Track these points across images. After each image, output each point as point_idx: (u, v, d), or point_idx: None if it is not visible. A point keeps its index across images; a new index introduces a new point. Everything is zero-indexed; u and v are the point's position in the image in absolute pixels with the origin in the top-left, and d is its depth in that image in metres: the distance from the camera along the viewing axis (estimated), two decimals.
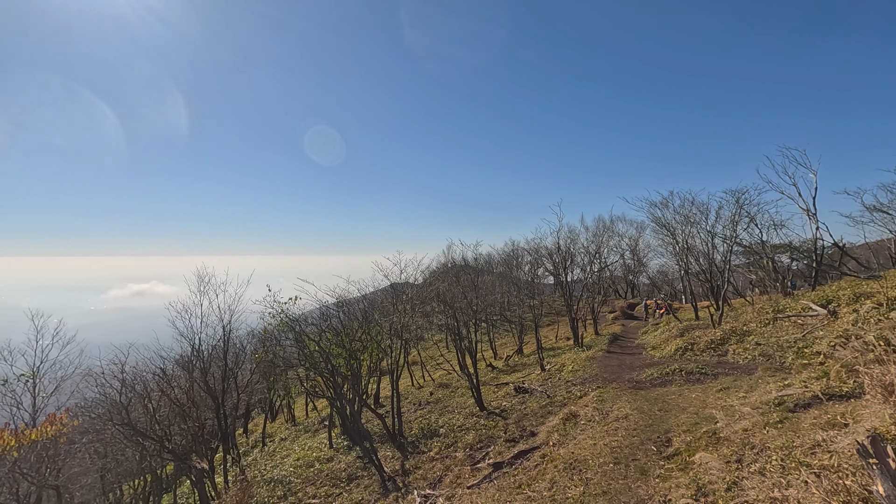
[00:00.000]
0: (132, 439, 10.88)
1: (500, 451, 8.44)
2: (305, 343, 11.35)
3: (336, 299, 12.48)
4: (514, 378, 15.92)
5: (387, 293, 19.24)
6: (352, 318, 13.15)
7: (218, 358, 13.58)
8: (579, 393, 10.88)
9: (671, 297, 37.10)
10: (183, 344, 13.47)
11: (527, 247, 35.08)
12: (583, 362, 14.84)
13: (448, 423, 11.33)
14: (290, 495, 9.23)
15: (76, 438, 12.56)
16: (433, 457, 9.23)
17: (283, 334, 13.06)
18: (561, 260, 21.71)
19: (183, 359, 13.55)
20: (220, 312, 13.05)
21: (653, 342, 17.18)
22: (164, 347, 13.53)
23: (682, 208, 20.66)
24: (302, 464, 11.34)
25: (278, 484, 10.05)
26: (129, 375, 12.30)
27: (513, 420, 10.22)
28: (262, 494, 9.60)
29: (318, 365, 10.89)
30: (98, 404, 12.61)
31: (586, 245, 24.06)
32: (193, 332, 13.22)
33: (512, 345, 28.07)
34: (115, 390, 11.73)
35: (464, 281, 17.15)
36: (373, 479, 8.98)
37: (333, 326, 12.11)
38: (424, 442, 10.53)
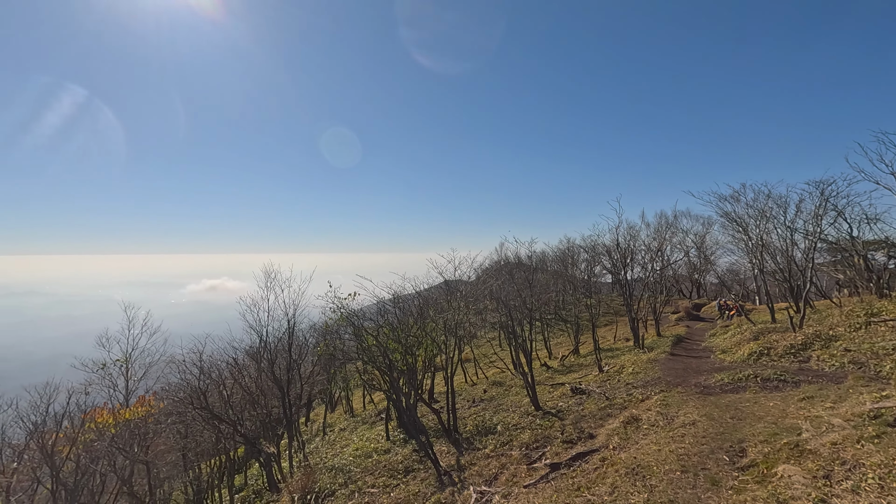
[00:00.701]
0: (209, 422, 11.80)
1: (556, 451, 8.27)
2: (364, 337, 11.74)
3: (392, 295, 12.79)
4: (570, 378, 15.53)
5: (440, 290, 19.46)
6: (407, 314, 13.42)
7: (283, 350, 14.39)
8: (641, 396, 10.42)
9: (743, 297, 34.48)
10: (252, 336, 14.42)
11: (583, 244, 34.06)
12: (644, 364, 14.20)
13: (503, 422, 11.28)
14: (350, 483, 9.59)
15: (162, 419, 13.82)
16: (488, 454, 9.22)
17: (342, 329, 13.59)
18: (620, 258, 20.85)
19: (252, 349, 14.50)
20: (285, 307, 13.82)
21: (722, 345, 16.10)
22: (235, 339, 14.56)
23: (755, 202, 19.12)
24: (360, 454, 11.75)
25: (339, 472, 10.49)
26: (206, 363, 13.35)
27: (570, 421, 9.98)
28: (324, 480, 10.07)
29: (375, 359, 11.22)
30: (180, 389, 13.78)
31: (647, 242, 22.92)
32: (261, 325, 14.10)
33: (567, 344, 27.41)
34: (195, 377, 12.78)
35: (518, 279, 16.94)
36: (429, 473, 9.13)
37: (389, 322, 12.41)
38: (479, 439, 10.54)
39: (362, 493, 8.85)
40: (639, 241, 23.11)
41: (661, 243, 25.12)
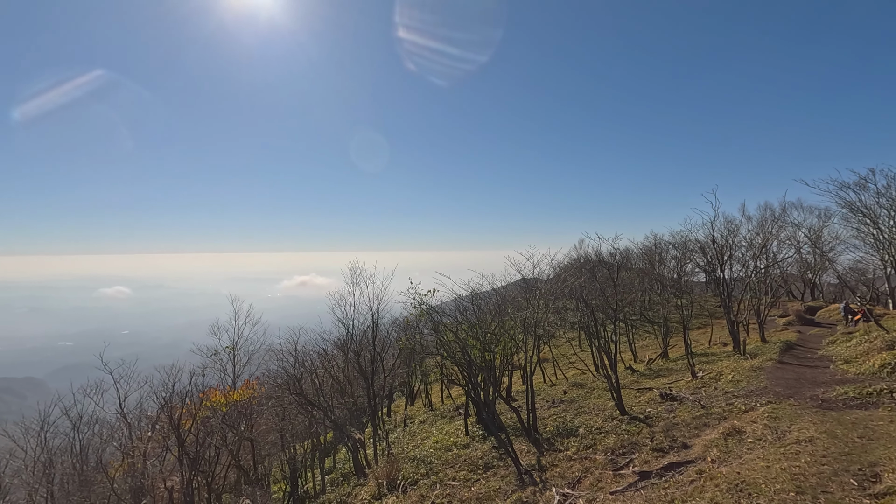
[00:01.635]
0: (303, 407, 12.82)
1: (646, 459, 7.81)
2: (443, 333, 12.00)
3: (470, 292, 12.92)
4: (658, 383, 14.57)
5: (517, 287, 19.25)
6: (485, 311, 13.47)
7: (367, 342, 15.17)
8: (744, 407, 9.48)
9: (872, 300, 29.80)
10: (340, 328, 15.39)
11: (672, 240, 31.67)
12: (746, 372, 12.89)
13: (585, 424, 10.89)
14: (432, 474, 9.86)
15: (263, 402, 15.25)
16: (570, 456, 8.97)
17: (422, 324, 14.01)
18: (716, 254, 19.09)
19: (340, 341, 15.48)
20: (369, 302, 14.58)
21: (845, 355, 14.11)
22: (325, 331, 15.64)
23: (888, 190, 16.46)
24: (440, 447, 12.02)
25: (421, 462, 10.83)
26: (300, 353, 14.51)
27: (660, 428, 9.37)
28: (407, 469, 10.46)
29: (454, 354, 11.42)
30: (278, 375, 15.10)
31: (749, 237, 20.71)
32: (348, 319, 15.00)
33: (654, 347, 25.72)
34: (290, 365, 13.96)
35: (601, 277, 16.21)
36: (508, 471, 9.10)
37: (468, 319, 12.55)
38: (560, 440, 10.29)
39: (444, 485, 9.05)
40: (739, 236, 20.96)
41: (765, 238, 22.56)
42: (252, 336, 19.11)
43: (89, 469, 14.55)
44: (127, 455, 12.93)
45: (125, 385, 14.01)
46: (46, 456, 14.87)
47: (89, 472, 14.35)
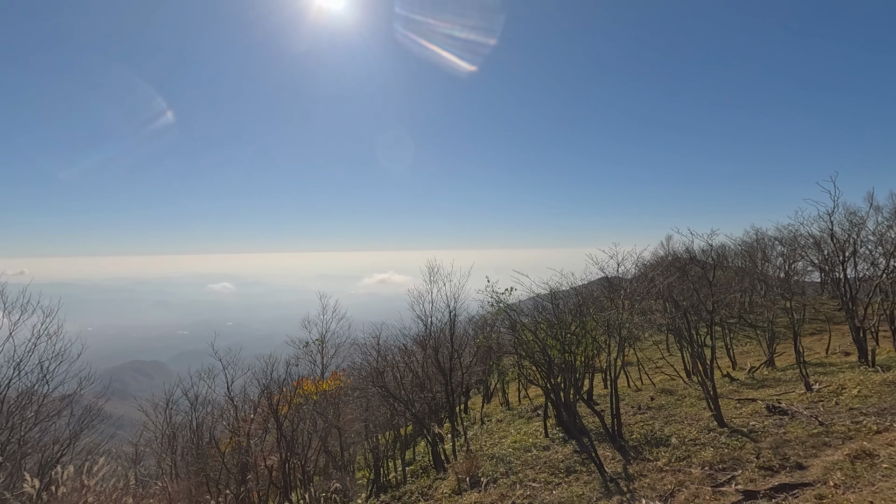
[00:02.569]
0: (386, 399, 13.38)
1: (751, 477, 7.07)
2: (521, 332, 11.84)
3: (549, 291, 12.60)
4: (763, 395, 13.12)
5: (599, 286, 18.41)
6: (564, 310, 13.08)
7: (445, 339, 15.43)
8: (875, 426, 8.22)
9: None
10: (418, 325, 15.81)
11: (778, 235, 28.36)
12: (876, 386, 11.16)
13: (677, 434, 10.13)
14: (511, 474, 9.78)
15: (349, 393, 16.16)
16: (661, 467, 8.39)
17: (499, 322, 13.94)
18: (835, 251, 16.72)
19: (419, 337, 15.91)
20: (446, 299, 14.79)
21: None
22: (405, 327, 16.16)
23: None
24: (519, 447, 11.89)
25: (500, 461, 10.79)
26: (382, 347, 15.15)
27: (767, 445, 8.43)
28: (486, 467, 10.49)
29: (533, 354, 11.22)
30: (362, 368, 15.91)
31: (879, 231, 17.84)
32: (426, 315, 15.35)
33: (756, 354, 23.24)
34: (373, 358, 14.64)
35: (693, 276, 14.95)
36: (592, 477, 8.75)
37: (547, 318, 12.26)
38: (648, 449, 9.68)
39: (524, 486, 8.94)
40: (865, 230, 18.15)
41: None
42: (338, 330, 20.32)
43: (204, 444, 16.44)
44: (234, 434, 14.42)
45: (232, 371, 15.63)
46: (171, 430, 17.06)
47: (204, 446, 16.22)
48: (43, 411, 11.94)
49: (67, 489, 7.34)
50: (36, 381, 11.72)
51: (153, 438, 17.98)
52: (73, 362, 12.29)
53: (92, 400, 14.19)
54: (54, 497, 7.33)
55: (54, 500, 7.32)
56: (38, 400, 11.78)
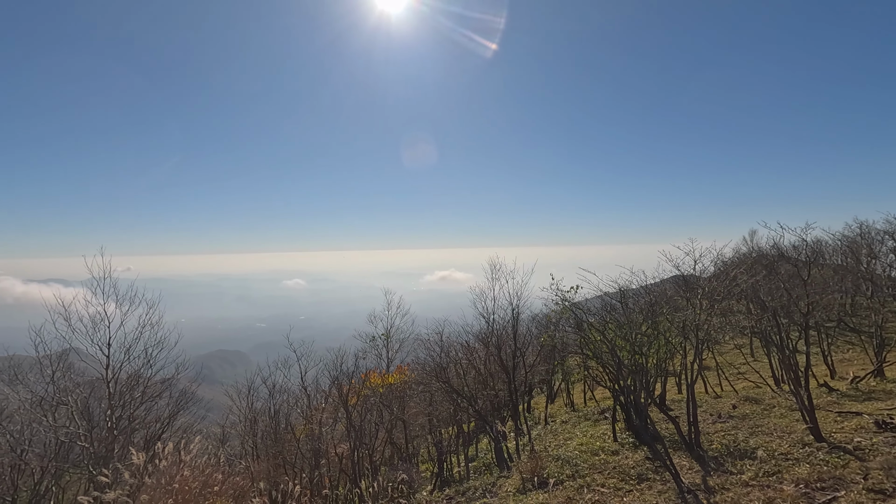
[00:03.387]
0: (449, 395, 13.54)
1: (857, 500, 6.31)
2: (588, 332, 11.44)
3: (618, 289, 12.04)
4: (870, 408, 11.64)
5: (673, 285, 17.29)
6: (635, 309, 12.44)
7: (508, 337, 15.30)
8: None
9: None
10: (480, 322, 15.82)
11: (888, 228, 24.99)
12: None
13: (766, 447, 9.27)
14: (578, 477, 9.49)
15: (413, 387, 16.56)
16: (746, 481, 7.73)
17: (564, 321, 13.57)
18: None
19: (481, 334, 15.92)
20: (509, 297, 14.66)
21: None
22: (467, 324, 16.24)
23: None
24: (586, 450, 11.51)
25: (566, 463, 10.51)
26: (445, 343, 15.34)
27: (877, 465, 7.47)
28: (552, 468, 10.26)
29: (601, 355, 10.79)
30: (425, 363, 16.22)
31: None
32: (488, 313, 15.32)
33: (861, 362, 20.68)
34: (436, 354, 14.86)
35: (784, 274, 13.56)
36: (667, 486, 8.26)
37: (615, 318, 11.74)
38: (731, 461, 8.96)
39: (592, 490, 8.64)
40: None
41: None
42: (402, 326, 20.85)
43: (281, 429, 17.66)
44: (307, 421, 15.33)
45: (305, 362, 16.64)
46: (252, 415, 18.52)
47: (281, 431, 17.43)
48: (147, 392, 13.45)
49: (168, 463, 8.15)
50: (141, 366, 13.22)
51: (237, 421, 19.62)
52: (171, 350, 13.71)
53: (187, 384, 15.75)
54: (157, 469, 8.18)
55: (157, 472, 8.16)
56: (143, 382, 13.28)
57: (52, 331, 12.51)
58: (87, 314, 12.47)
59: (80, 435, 12.05)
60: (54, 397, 12.69)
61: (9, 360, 13.31)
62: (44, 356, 13.12)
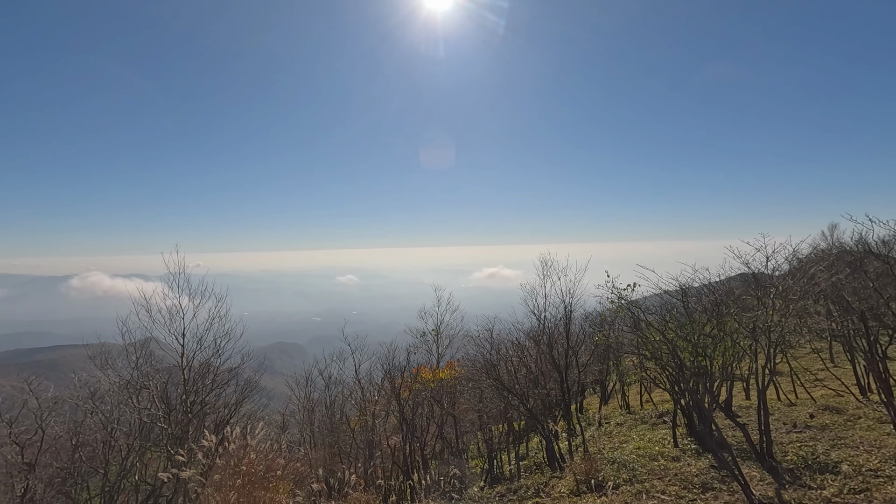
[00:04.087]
0: (500, 392, 13.47)
1: None
2: (646, 331, 10.95)
3: (679, 287, 11.40)
4: None
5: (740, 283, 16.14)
6: (698, 309, 11.74)
7: (560, 335, 14.98)
8: None
9: None
10: (531, 320, 15.60)
11: None
12: None
13: (851, 461, 8.46)
14: (636, 482, 9.13)
15: (462, 383, 16.63)
16: (829, 498, 7.10)
17: (619, 320, 13.07)
18: None
19: (532, 332, 15.69)
20: (561, 294, 14.34)
21: None
22: (518, 321, 16.07)
23: None
24: (643, 454, 11.05)
25: (622, 466, 10.15)
26: (495, 340, 15.27)
27: None
28: (607, 471, 9.95)
29: (660, 356, 10.30)
30: (475, 360, 16.25)
31: None
32: (539, 310, 15.07)
33: None
34: (486, 350, 14.83)
35: (871, 273, 12.22)
36: (735, 497, 7.75)
37: (676, 317, 11.14)
38: (809, 475, 8.26)
39: (651, 496, 8.29)
40: None
41: None
42: (452, 322, 20.97)
43: (336, 419, 18.37)
44: (361, 413, 15.83)
45: (359, 355, 17.20)
46: (309, 405, 19.40)
47: (336, 421, 18.12)
48: (216, 380, 14.45)
49: (236, 446, 8.70)
50: (211, 355, 14.22)
51: (296, 410, 20.62)
52: (237, 341, 14.65)
53: (251, 374, 16.76)
54: (226, 451, 8.76)
55: (226, 454, 8.74)
56: (213, 370, 14.29)
57: (135, 321, 13.79)
58: (164, 306, 13.61)
59: (160, 417, 13.20)
60: (138, 381, 13.96)
61: (100, 346, 14.78)
62: (129, 344, 14.46)
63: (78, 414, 14.24)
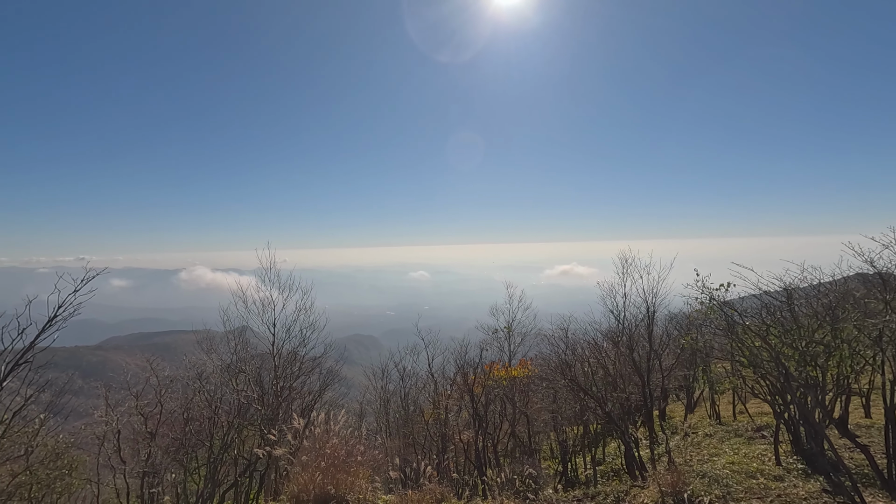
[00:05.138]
0: (575, 394, 13.03)
1: None
2: (740, 336, 9.97)
3: (783, 288, 10.21)
4: None
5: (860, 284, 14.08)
6: (807, 313, 10.43)
7: (641, 337, 14.13)
8: None
9: None
10: (609, 320, 14.87)
11: None
12: None
13: None
14: (731, 500, 8.36)
15: (536, 382, 16.32)
16: None
17: (711, 322, 12.03)
18: None
19: (610, 333, 14.97)
20: (643, 294, 13.50)
21: None
22: (594, 321, 15.41)
23: None
24: (739, 471, 10.08)
25: (714, 482, 9.34)
26: (571, 340, 14.79)
27: None
28: (696, 485, 9.21)
29: (760, 363, 9.31)
30: (549, 360, 15.87)
31: None
32: (619, 310, 14.31)
33: None
34: (561, 350, 14.40)
35: None
36: None
37: (780, 321, 10.01)
38: None
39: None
40: None
41: None
42: (524, 319, 20.63)
43: (410, 411, 18.93)
44: (435, 406, 16.16)
45: (432, 350, 17.55)
46: (385, 396, 20.19)
47: (410, 413, 18.68)
48: (302, 368, 15.54)
49: (320, 431, 9.26)
50: (298, 344, 15.31)
51: (372, 400, 21.57)
52: (321, 332, 15.63)
53: (332, 363, 17.81)
54: (312, 434, 9.36)
55: (312, 437, 9.34)
56: (299, 359, 15.38)
57: (233, 311, 15.24)
58: (258, 298, 14.88)
59: (255, 398, 14.47)
60: (236, 366, 15.44)
61: (206, 333, 16.54)
62: (228, 331, 16.02)
63: (188, 392, 16.06)
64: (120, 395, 16.03)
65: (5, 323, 8.41)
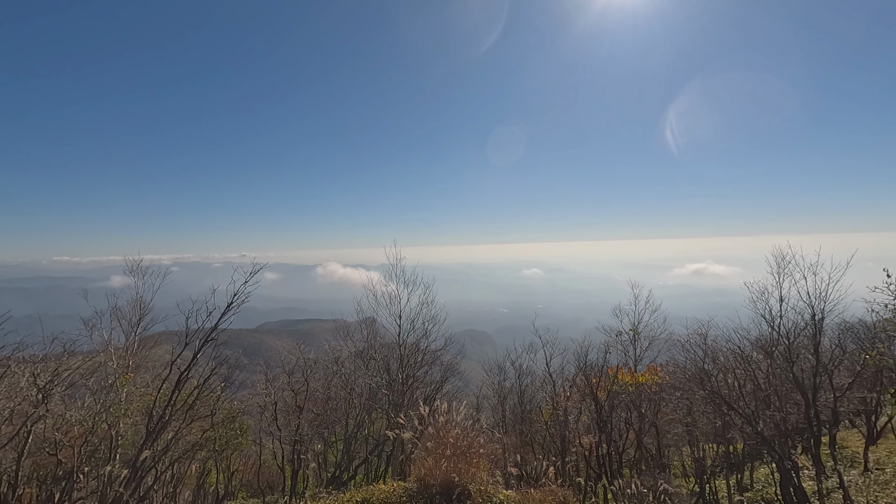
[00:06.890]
0: (717, 407, 11.61)
1: None
2: None
3: None
4: None
5: None
6: None
7: (804, 348, 12.02)
8: None
9: None
10: (761, 326, 12.92)
11: None
12: None
13: None
14: None
15: (668, 391, 14.91)
16: None
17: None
18: None
19: (761, 341, 13.00)
20: (807, 297, 11.45)
21: None
22: (740, 326, 13.50)
23: None
24: None
25: None
26: (710, 347, 13.18)
27: None
28: None
29: None
30: (684, 367, 14.37)
31: None
32: (773, 316, 12.37)
33: None
34: (699, 358, 12.92)
35: None
36: None
37: None
38: None
39: None
40: None
41: None
42: (651, 322, 19.00)
43: (526, 409, 18.75)
44: (554, 406, 15.77)
45: (549, 349, 17.13)
46: (502, 392, 20.28)
47: (527, 411, 18.50)
48: (425, 359, 16.39)
49: (444, 420, 9.66)
50: (420, 336, 16.18)
51: (489, 395, 21.84)
52: (441, 325, 16.30)
53: (451, 357, 18.47)
54: (436, 422, 9.81)
55: (435, 424, 9.79)
56: (422, 350, 16.25)
57: (364, 303, 16.68)
58: (385, 292, 16.07)
59: (383, 384, 15.69)
60: (367, 353, 16.91)
61: (341, 322, 18.42)
62: (360, 321, 17.61)
63: (328, 374, 18.06)
64: (274, 371, 18.68)
65: (198, 307, 10.48)
